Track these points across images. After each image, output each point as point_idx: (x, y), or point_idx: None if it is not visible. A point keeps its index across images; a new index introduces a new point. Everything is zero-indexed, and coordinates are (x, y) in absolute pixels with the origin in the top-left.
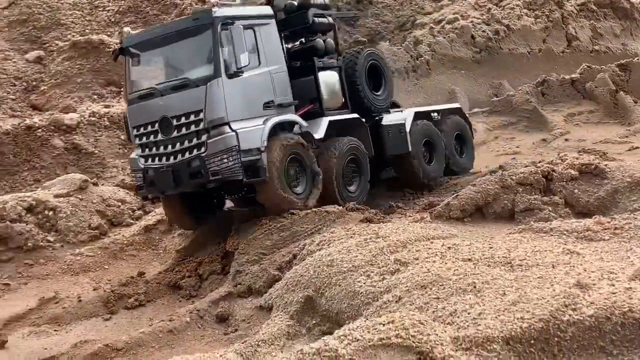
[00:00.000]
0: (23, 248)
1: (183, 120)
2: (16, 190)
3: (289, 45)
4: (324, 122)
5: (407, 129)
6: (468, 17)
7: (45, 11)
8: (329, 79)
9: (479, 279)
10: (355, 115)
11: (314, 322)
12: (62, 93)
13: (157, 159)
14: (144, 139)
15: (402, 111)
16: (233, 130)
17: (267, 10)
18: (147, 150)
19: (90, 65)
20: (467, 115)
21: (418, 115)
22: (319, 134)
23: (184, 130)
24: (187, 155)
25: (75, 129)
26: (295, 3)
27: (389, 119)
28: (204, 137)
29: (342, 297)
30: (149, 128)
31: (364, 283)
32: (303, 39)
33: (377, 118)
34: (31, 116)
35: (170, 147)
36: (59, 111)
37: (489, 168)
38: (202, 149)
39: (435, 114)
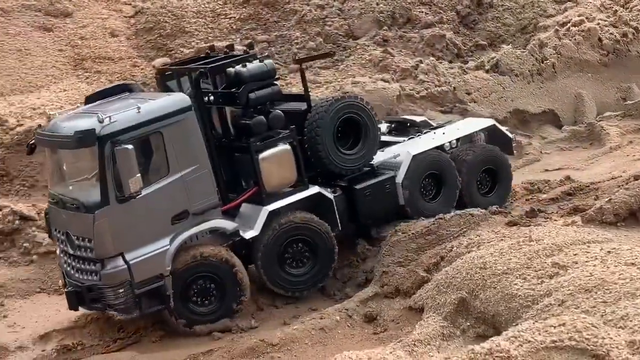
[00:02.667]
0: None
1: (81, 242)
2: None
3: (236, 114)
4: (262, 214)
5: (400, 178)
6: (594, 19)
7: (170, 19)
8: (275, 158)
9: None
10: (311, 192)
11: (468, 323)
12: None
13: (69, 268)
14: (59, 243)
15: (396, 155)
16: (126, 262)
17: (181, 102)
18: (62, 254)
19: None
20: (509, 135)
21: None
22: (254, 230)
23: (83, 252)
24: (88, 277)
25: None
26: (233, 71)
27: (369, 176)
28: (98, 266)
29: (498, 299)
30: (61, 235)
31: (521, 286)
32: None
33: (350, 181)
34: None
35: (76, 262)
36: None
37: (629, 173)
38: (98, 277)
39: (454, 141)
